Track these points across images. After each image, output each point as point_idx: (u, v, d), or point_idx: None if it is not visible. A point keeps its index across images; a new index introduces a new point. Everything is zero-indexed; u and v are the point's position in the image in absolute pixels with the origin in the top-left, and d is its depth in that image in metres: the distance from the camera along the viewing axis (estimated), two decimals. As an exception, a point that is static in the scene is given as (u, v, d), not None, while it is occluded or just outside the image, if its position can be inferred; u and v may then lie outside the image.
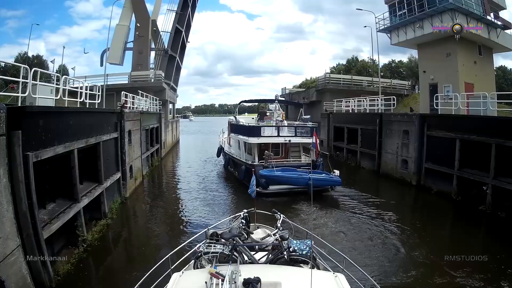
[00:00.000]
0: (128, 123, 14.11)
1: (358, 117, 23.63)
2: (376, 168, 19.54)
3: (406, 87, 36.24)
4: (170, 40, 35.35)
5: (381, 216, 12.00)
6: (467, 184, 13.05)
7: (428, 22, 21.67)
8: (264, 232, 6.20)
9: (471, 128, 13.19)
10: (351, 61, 65.70)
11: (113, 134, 12.36)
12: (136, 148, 15.71)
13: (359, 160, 22.05)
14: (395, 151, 17.65)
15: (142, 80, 29.80)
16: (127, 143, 13.84)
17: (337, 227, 11.04)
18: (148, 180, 18.47)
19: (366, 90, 32.37)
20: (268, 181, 14.05)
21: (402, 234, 10.38)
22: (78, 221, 9.32)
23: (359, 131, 21.97)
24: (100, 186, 10.95)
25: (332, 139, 26.66)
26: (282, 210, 6.86)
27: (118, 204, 12.70)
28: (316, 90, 34.28)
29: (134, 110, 15.82)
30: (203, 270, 4.20)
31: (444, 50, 21.58)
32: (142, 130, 17.85)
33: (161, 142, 24.67)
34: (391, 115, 19.25)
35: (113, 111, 12.87)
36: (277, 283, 3.58)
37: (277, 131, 16.08)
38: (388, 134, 18.58)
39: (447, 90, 20.74)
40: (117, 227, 11.25)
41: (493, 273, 7.62)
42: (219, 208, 13.40)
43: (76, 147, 9.15)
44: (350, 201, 14.16)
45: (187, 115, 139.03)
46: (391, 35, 25.31)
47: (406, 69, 55.52)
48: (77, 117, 9.49)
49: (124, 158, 13.44)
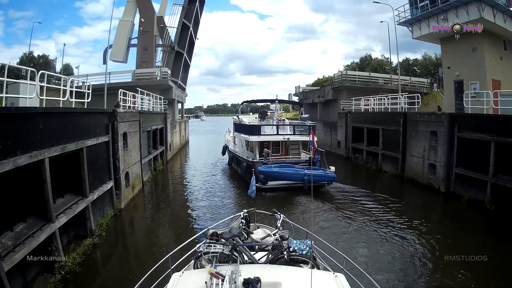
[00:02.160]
0: (123, 124, 12.48)
1: (379, 116, 22.14)
2: (400, 172, 17.99)
3: (425, 85, 34.57)
4: (176, 36, 33.80)
5: (403, 226, 11.00)
6: (503, 192, 11.76)
7: (453, 13, 20.26)
8: (264, 232, 6.16)
9: (508, 130, 11.89)
10: (364, 59, 65.10)
11: (103, 138, 10.72)
12: (134, 152, 14.08)
13: (380, 163, 20.49)
14: (422, 154, 16.21)
15: (147, 78, 28.33)
16: (122, 148, 12.22)
17: (356, 236, 10.23)
18: (150, 186, 16.86)
19: (384, 88, 30.94)
20: (266, 177, 14.81)
21: (426, 248, 9.25)
22: (54, 244, 7.79)
23: (381, 131, 20.51)
24: (85, 199, 9.33)
25: (350, 140, 25.12)
26: (285, 209, 7.10)
27: (110, 217, 11.10)
28: (332, 88, 32.35)
29: (131, 110, 14.15)
30: (203, 270, 4.18)
31: (469, 44, 20.13)
32: (143, 132, 16.27)
33: (166, 144, 23.10)
34: (416, 114, 17.64)
35: (102, 111, 11.23)
36: (277, 283, 3.57)
37: (277, 129, 16.84)
38: (414, 136, 17.09)
39: (474, 88, 19.63)
40: (105, 247, 9.57)
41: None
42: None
43: (48, 155, 7.52)
44: (370, 207, 13.12)
45: (199, 114, 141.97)
46: (412, 28, 23.95)
47: (421, 67, 54.89)
48: (50, 119, 7.84)
49: (117, 164, 11.83)
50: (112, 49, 29.48)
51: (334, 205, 13.38)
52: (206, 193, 15.78)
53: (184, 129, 36.81)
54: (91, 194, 9.76)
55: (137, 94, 17.05)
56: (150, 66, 30.03)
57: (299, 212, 12.56)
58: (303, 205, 13.33)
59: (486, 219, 11.58)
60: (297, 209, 12.99)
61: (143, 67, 29.82)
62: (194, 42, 40.19)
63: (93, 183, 9.99)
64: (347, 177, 18.95)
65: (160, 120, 21.73)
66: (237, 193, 15.71)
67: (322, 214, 12.42)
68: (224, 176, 20.31)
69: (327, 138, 29.58)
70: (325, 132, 30.24)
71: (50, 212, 7.71)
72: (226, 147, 21.96)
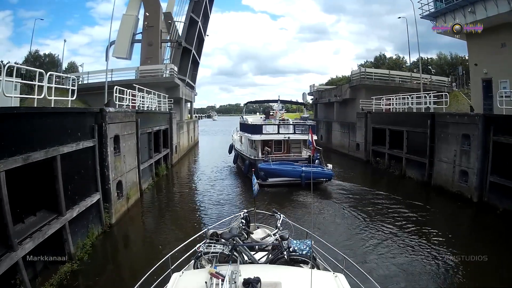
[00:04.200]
0: (114, 126, 10.84)
1: (403, 117, 20.49)
2: (427, 179, 16.48)
3: (446, 84, 32.72)
4: (184, 31, 32.14)
5: (427, 238, 10.01)
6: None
7: (481, 6, 18.66)
8: (264, 232, 6.12)
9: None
10: (379, 58, 64.44)
11: (86, 143, 9.07)
12: (129, 158, 12.44)
13: (404, 168, 18.92)
14: (452, 159, 14.79)
15: (152, 75, 26.82)
16: (112, 153, 10.58)
17: (376, 247, 9.42)
18: (150, 195, 15.21)
19: (404, 86, 29.33)
20: (266, 174, 15.48)
21: (452, 265, 8.24)
22: (18, 276, 6.28)
23: (405, 133, 19.06)
24: (60, 218, 7.70)
25: (370, 142, 23.50)
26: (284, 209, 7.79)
27: (96, 236, 9.49)
28: (350, 86, 30.58)
29: (124, 109, 12.47)
30: (203, 270, 4.16)
31: (498, 40, 18.85)
32: (142, 134, 14.66)
33: (171, 146, 21.53)
34: (446, 115, 16.06)
35: (85, 111, 9.56)
36: (277, 283, 3.55)
37: (278, 129, 17.80)
38: (443, 139, 15.66)
39: (504, 86, 18.29)
40: (87, 274, 7.90)
41: None
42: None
43: (4, 168, 5.89)
44: (391, 215, 12.27)
45: (211, 114, 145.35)
46: (436, 22, 22.53)
47: (436, 66, 54.10)
48: (7, 122, 6.19)
49: (106, 173, 10.19)
50: (115, 45, 27.99)
51: (353, 209, 12.89)
52: (213, 201, 14.54)
53: (193, 129, 35.16)
54: (69, 211, 8.14)
55: (135, 91, 15.40)
56: (156, 63, 28.47)
57: (306, 212, 12.24)
58: (309, 206, 13.20)
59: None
60: (299, 209, 12.94)
61: (148, 64, 28.27)
62: (204, 39, 38.63)
63: (72, 198, 8.37)
64: (366, 182, 17.76)
65: (164, 121, 20.18)
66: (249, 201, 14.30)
67: (340, 220, 11.95)
68: (233, 180, 19.09)
69: (344, 139, 27.94)
70: (343, 134, 28.61)
71: (10, 239, 6.13)
72: (233, 146, 22.67)
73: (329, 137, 31.80)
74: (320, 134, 34.36)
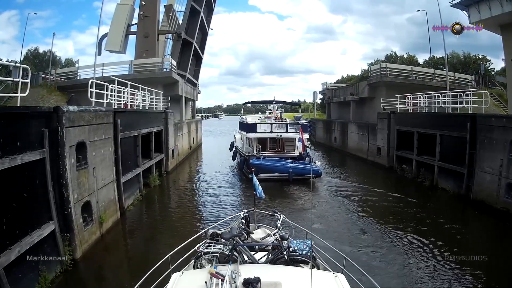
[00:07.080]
0: (77, 130, 8.18)
1: (435, 118, 18.02)
2: (464, 191, 14.27)
3: (469, 82, 30.64)
4: (184, 21, 29.58)
5: (460, 263, 8.19)
6: None
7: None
8: (264, 232, 6.07)
9: None
10: (390, 56, 61.48)
11: (28, 156, 6.43)
12: (103, 170, 9.77)
13: (436, 178, 16.60)
14: (497, 170, 12.67)
15: (148, 70, 24.45)
16: (74, 166, 7.93)
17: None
18: (135, 213, 12.48)
19: (429, 84, 26.99)
20: (256, 169, 15.25)
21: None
22: None
23: (438, 138, 16.61)
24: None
25: (394, 146, 21.01)
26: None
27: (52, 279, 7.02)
28: (368, 83, 28.15)
29: (94, 108, 9.67)
30: (203, 270, 4.16)
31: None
32: (125, 138, 12.06)
33: (167, 150, 18.97)
34: (491, 117, 13.84)
35: (28, 111, 6.83)
36: (277, 283, 3.54)
37: (270, 127, 19.30)
38: (486, 145, 13.52)
39: None
40: None
41: None
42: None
43: None
44: (419, 231, 10.61)
45: (218, 114, 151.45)
46: (469, 12, 20.71)
47: (449, 65, 50.18)
48: None
49: (65, 193, 7.55)
50: (108, 38, 25.53)
51: (379, 224, 11.50)
52: (214, 214, 12.64)
53: (195, 130, 32.54)
54: (3, 255, 5.64)
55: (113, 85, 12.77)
56: (152, 57, 26.06)
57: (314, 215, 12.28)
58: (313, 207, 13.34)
59: None
60: (299, 210, 13.10)
61: (144, 57, 25.86)
62: (207, 33, 36.16)
63: (8, 235, 5.84)
64: (389, 191, 15.78)
65: (158, 121, 17.68)
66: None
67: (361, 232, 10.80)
68: (237, 188, 17.33)
69: (362, 143, 25.44)
70: (360, 136, 26.11)
71: None
72: (233, 144, 23.46)
73: (344, 139, 29.37)
74: (334, 136, 32.55)
